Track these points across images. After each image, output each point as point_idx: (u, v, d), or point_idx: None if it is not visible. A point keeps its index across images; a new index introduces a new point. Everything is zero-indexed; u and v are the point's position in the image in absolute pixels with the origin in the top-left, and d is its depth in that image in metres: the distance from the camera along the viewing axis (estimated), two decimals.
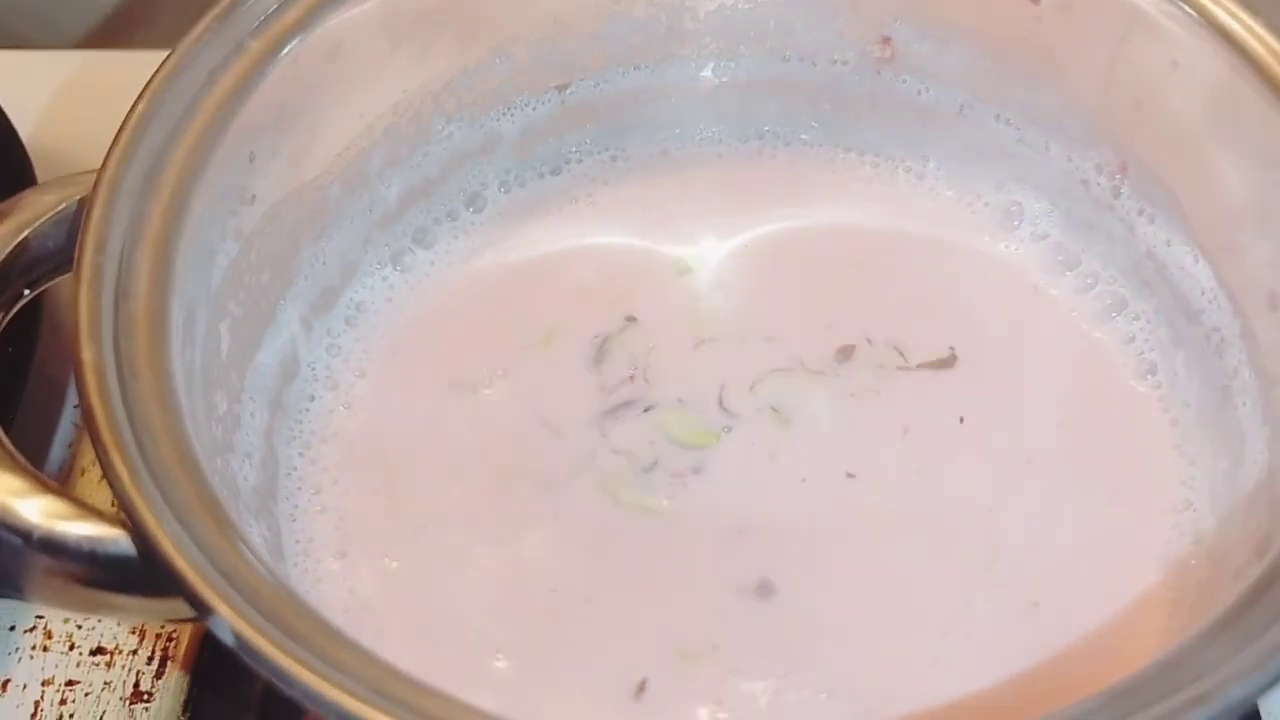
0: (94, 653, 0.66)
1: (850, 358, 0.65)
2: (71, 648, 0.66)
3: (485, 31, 0.66)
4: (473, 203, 0.69)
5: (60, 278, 0.55)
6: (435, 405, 0.64)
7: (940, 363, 0.65)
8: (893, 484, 0.62)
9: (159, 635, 0.66)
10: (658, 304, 0.67)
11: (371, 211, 0.66)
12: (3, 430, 0.51)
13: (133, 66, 0.63)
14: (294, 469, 0.62)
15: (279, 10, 0.59)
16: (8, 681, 0.65)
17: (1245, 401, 0.61)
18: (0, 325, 0.53)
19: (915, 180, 0.70)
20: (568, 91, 0.69)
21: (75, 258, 0.52)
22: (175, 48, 0.57)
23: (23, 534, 0.47)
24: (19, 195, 0.55)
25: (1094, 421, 0.64)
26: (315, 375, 0.64)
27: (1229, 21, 0.58)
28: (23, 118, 0.76)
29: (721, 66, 0.70)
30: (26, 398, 0.70)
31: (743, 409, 0.64)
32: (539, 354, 0.65)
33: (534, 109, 0.69)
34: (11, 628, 0.66)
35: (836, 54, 0.69)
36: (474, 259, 0.68)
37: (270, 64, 0.58)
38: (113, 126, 0.56)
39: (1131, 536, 0.61)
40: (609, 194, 0.71)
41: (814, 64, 0.70)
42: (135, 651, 0.66)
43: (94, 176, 0.54)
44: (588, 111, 0.70)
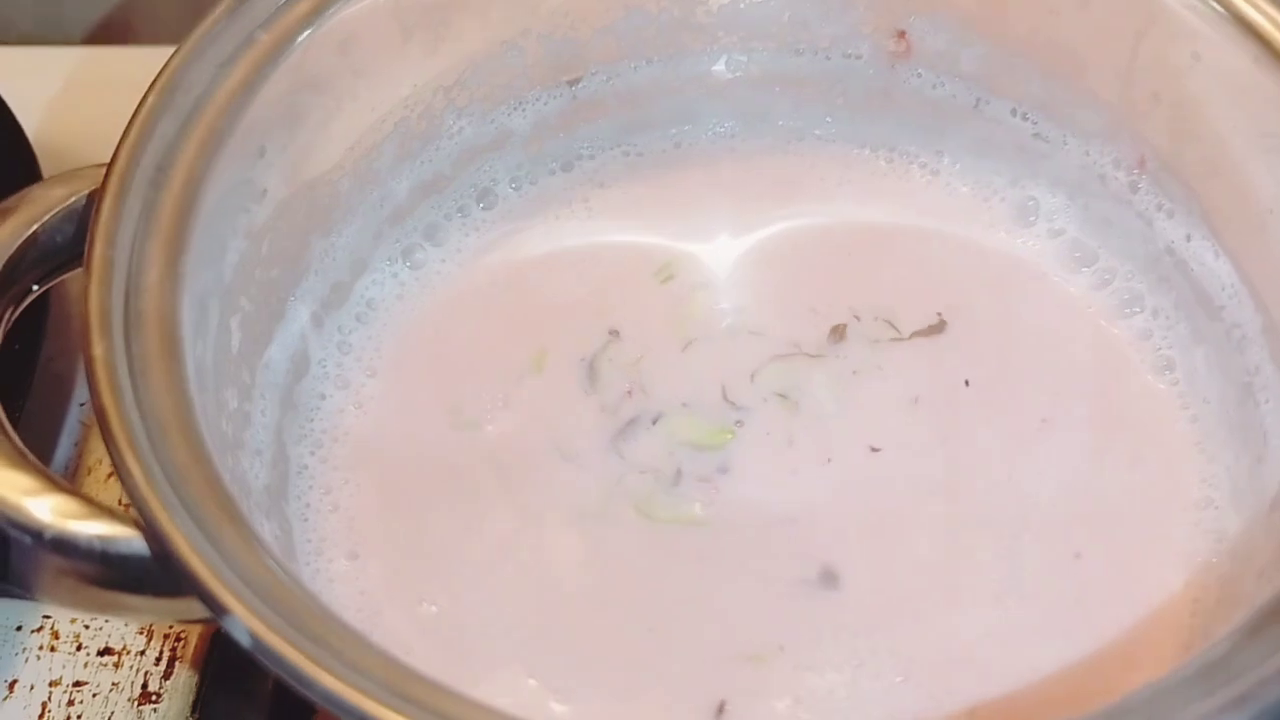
0: (102, 653, 0.65)
1: (844, 337, 0.64)
2: (79, 648, 0.66)
3: (497, 25, 0.65)
4: (484, 199, 0.69)
5: (69, 273, 0.54)
6: (440, 435, 0.63)
7: (932, 329, 0.65)
8: (918, 454, 0.62)
9: (167, 635, 0.66)
10: (638, 313, 0.66)
11: (382, 207, 0.66)
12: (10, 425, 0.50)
13: (138, 62, 0.63)
14: (305, 468, 0.61)
15: (289, 3, 0.58)
16: (15, 682, 0.65)
17: (1268, 398, 0.60)
18: (9, 321, 0.53)
19: (930, 175, 0.70)
20: (579, 86, 0.69)
21: (85, 252, 0.51)
22: (185, 40, 0.56)
23: (34, 533, 0.47)
24: (27, 189, 0.54)
25: (1113, 418, 0.63)
26: (326, 373, 0.64)
27: (1252, 14, 0.58)
28: (28, 114, 0.76)
29: (734, 61, 0.70)
30: (33, 394, 0.70)
31: (749, 401, 0.63)
32: (533, 381, 0.64)
33: (545, 104, 0.68)
34: (18, 627, 0.66)
35: (851, 48, 0.68)
36: (484, 257, 0.68)
37: (281, 57, 0.58)
38: (118, 122, 0.55)
39: (1152, 534, 0.60)
40: (620, 190, 0.70)
41: (828, 58, 0.69)
42: (143, 652, 0.65)
43: (103, 170, 0.54)
44: (599, 106, 0.69)
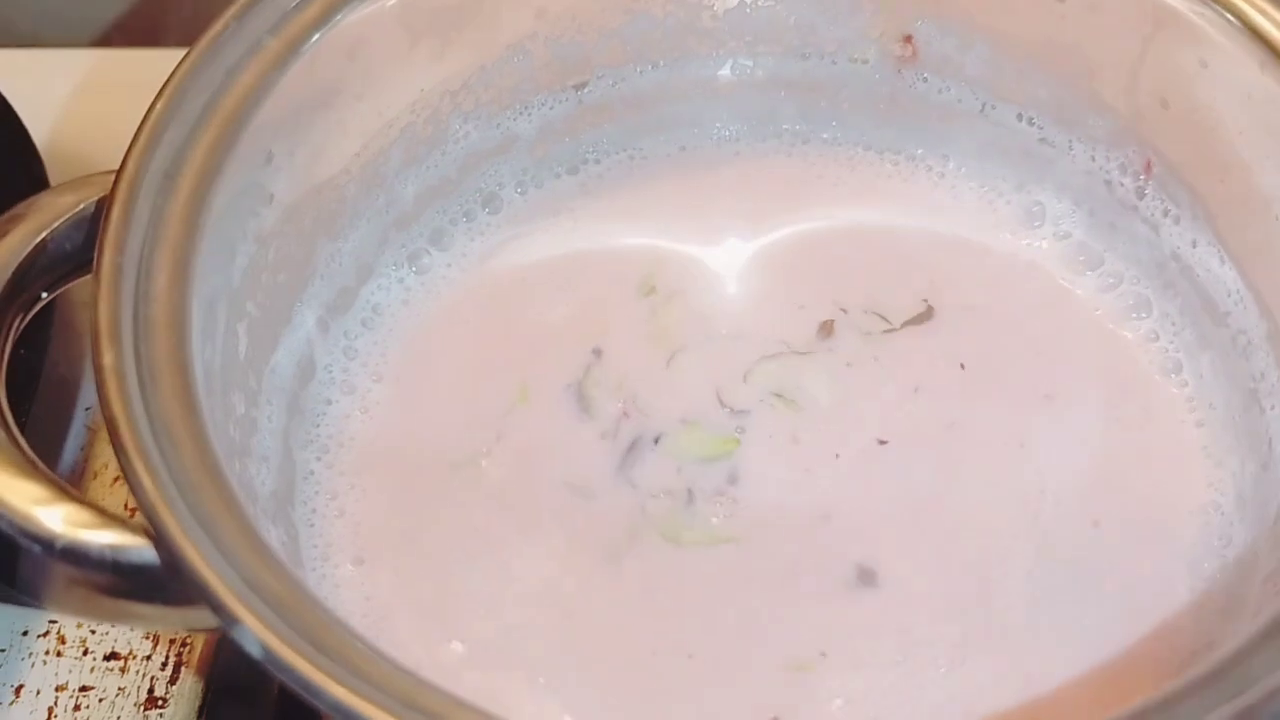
0: (108, 658, 0.65)
1: (832, 332, 0.65)
2: (85, 653, 0.66)
3: (503, 30, 0.65)
4: (489, 203, 0.69)
5: (78, 279, 0.54)
6: (443, 441, 0.63)
7: (919, 317, 0.65)
8: (927, 441, 0.62)
9: (173, 640, 0.66)
10: (617, 331, 0.65)
11: (388, 212, 0.66)
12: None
13: (147, 66, 0.63)
14: (311, 473, 0.61)
15: (297, 8, 0.58)
16: (21, 687, 0.65)
17: (1273, 404, 0.60)
18: (19, 329, 0.53)
19: (936, 179, 0.70)
20: (585, 90, 0.69)
21: (95, 259, 0.51)
22: (193, 46, 0.56)
23: (44, 543, 0.47)
24: (36, 197, 0.54)
25: (1118, 422, 0.63)
26: (332, 378, 0.64)
27: (1260, 20, 0.58)
28: (36, 118, 0.76)
29: (740, 65, 0.70)
30: (38, 398, 0.70)
31: (747, 404, 0.63)
32: (522, 414, 0.63)
33: (551, 108, 0.68)
34: (25, 632, 0.66)
35: (857, 52, 0.68)
36: (489, 261, 0.68)
37: (289, 62, 0.58)
38: (127, 126, 0.55)
39: (1157, 538, 0.60)
40: (626, 194, 0.70)
41: (834, 62, 0.69)
42: (149, 657, 0.65)
43: (111, 177, 0.53)
44: (605, 110, 0.69)
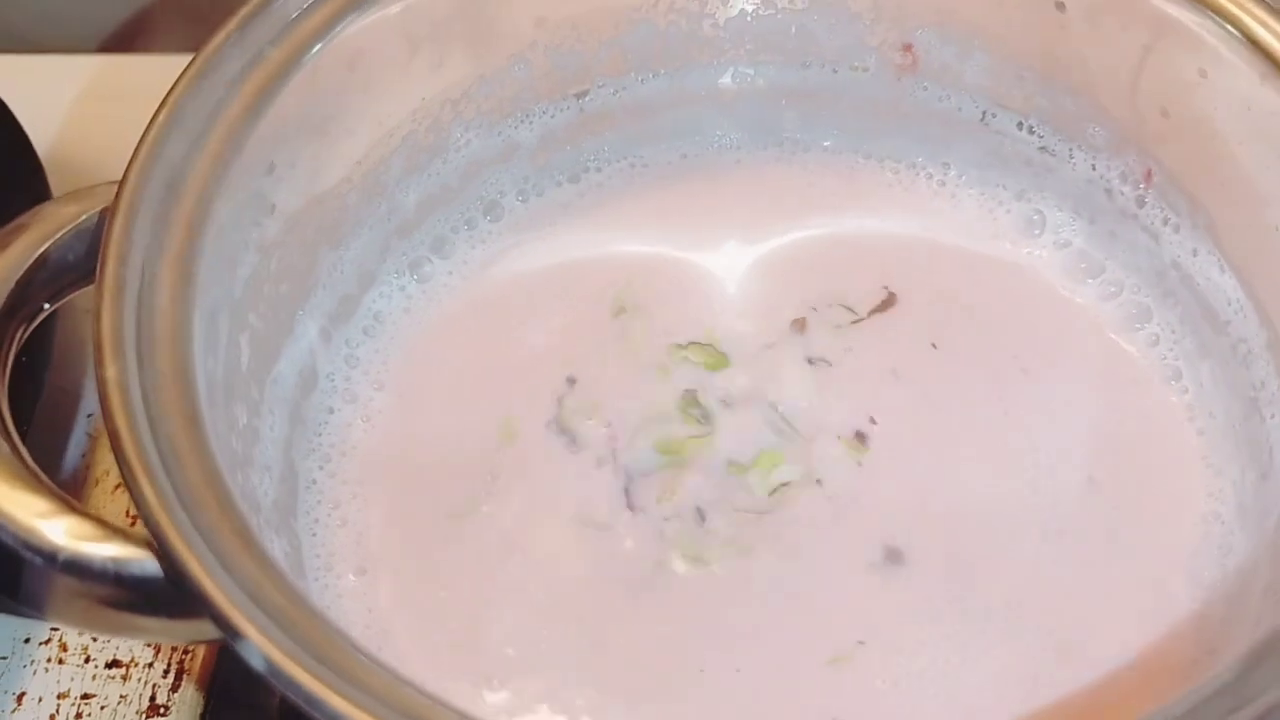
0: (109, 666, 0.65)
1: (805, 329, 0.65)
2: (87, 660, 0.66)
3: (504, 38, 0.65)
4: (490, 211, 0.69)
5: (80, 290, 0.54)
6: (444, 447, 0.63)
7: (883, 304, 0.65)
8: (919, 417, 0.62)
9: (175, 649, 0.66)
10: (590, 355, 0.65)
11: (390, 220, 0.66)
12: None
13: (150, 72, 0.63)
14: (313, 482, 0.61)
15: (299, 19, 0.58)
16: (23, 695, 0.65)
17: (1273, 413, 0.60)
18: (21, 340, 0.53)
19: (936, 187, 0.70)
20: (586, 99, 0.69)
21: (97, 271, 0.51)
22: (195, 58, 0.56)
23: (47, 555, 0.47)
24: (38, 208, 0.54)
25: (1118, 431, 0.63)
26: (334, 387, 0.64)
27: (1260, 31, 0.58)
28: (38, 124, 0.76)
29: (741, 73, 0.70)
30: (40, 405, 0.70)
31: (742, 409, 0.63)
32: (511, 454, 0.62)
33: (552, 117, 0.68)
34: (26, 640, 0.66)
35: (857, 61, 0.68)
36: (490, 269, 0.68)
37: (290, 73, 0.58)
38: (131, 133, 0.55)
39: (1158, 548, 0.60)
40: (627, 202, 0.70)
41: (835, 71, 0.69)
42: (151, 665, 0.65)
43: (113, 188, 0.54)
44: (606, 119, 0.69)
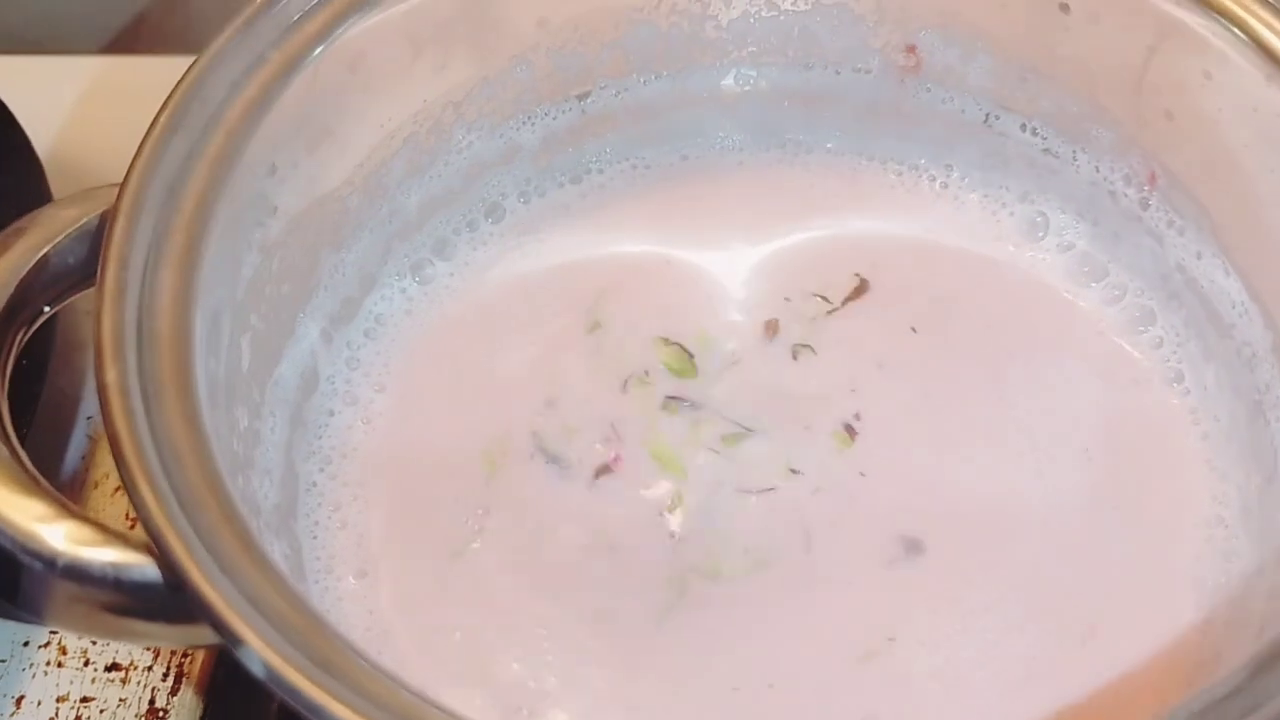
0: (109, 669, 0.65)
1: (777, 331, 0.65)
2: (86, 664, 0.65)
3: (506, 40, 0.65)
4: (492, 213, 0.69)
5: (81, 293, 0.54)
6: (445, 451, 0.63)
7: (855, 291, 0.66)
8: (916, 414, 0.63)
9: (174, 652, 0.66)
10: (567, 374, 0.64)
11: (391, 222, 0.66)
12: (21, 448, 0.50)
13: (152, 73, 0.63)
14: (314, 485, 0.61)
15: (300, 21, 0.58)
16: (22, 698, 0.64)
17: (1278, 416, 0.60)
18: (21, 343, 0.53)
19: (940, 190, 0.69)
20: (588, 100, 0.68)
21: (98, 274, 0.51)
22: (196, 60, 0.56)
23: (46, 560, 0.46)
24: (39, 210, 0.54)
25: (1122, 435, 0.63)
26: (335, 389, 0.63)
27: (1265, 33, 0.57)
28: (39, 126, 0.76)
29: (744, 75, 0.69)
30: (40, 407, 0.69)
31: (737, 414, 0.63)
32: (502, 486, 0.61)
33: (554, 118, 0.68)
34: (26, 643, 0.66)
35: (860, 62, 0.68)
36: (491, 270, 0.68)
37: (292, 75, 0.57)
38: (132, 135, 0.55)
39: (1162, 552, 0.60)
40: (629, 204, 0.70)
41: (838, 72, 0.69)
42: (150, 668, 0.65)
43: (115, 191, 0.53)
44: (608, 120, 0.69)
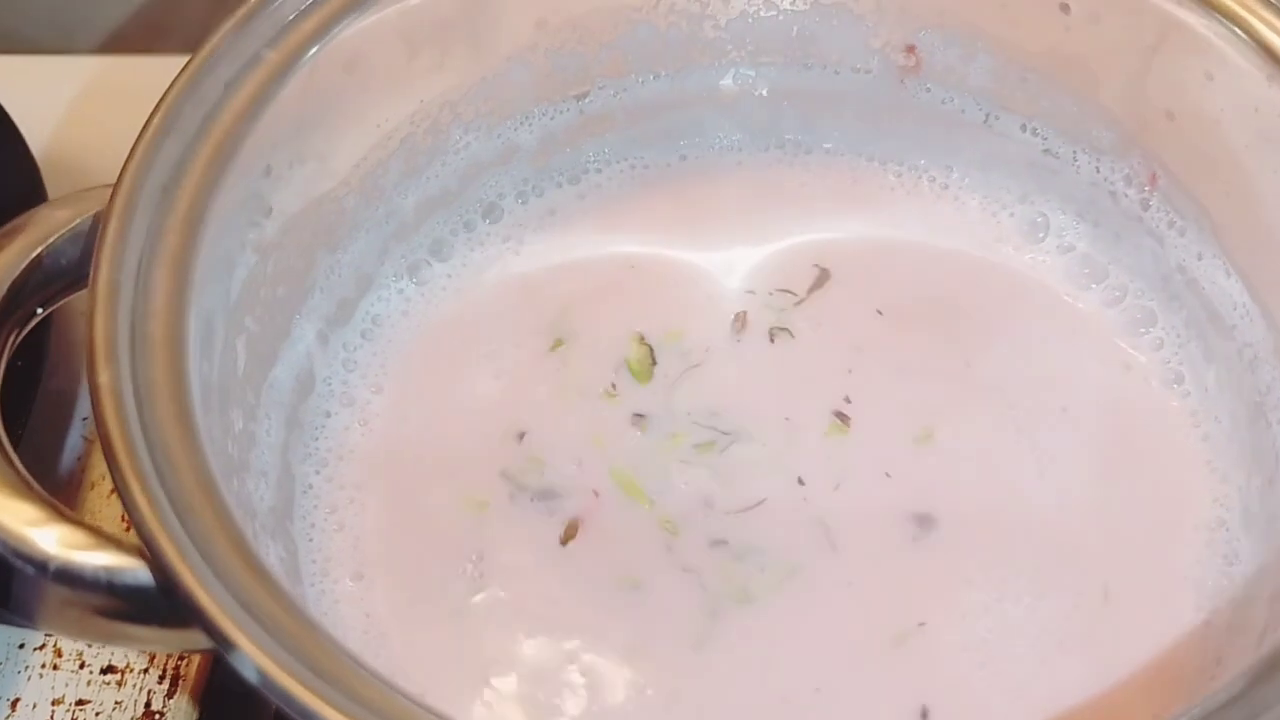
0: (104, 671, 0.65)
1: (745, 325, 0.65)
2: (82, 666, 0.65)
3: (504, 40, 0.65)
4: (490, 213, 0.68)
5: (74, 295, 0.54)
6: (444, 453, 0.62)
7: (817, 282, 0.66)
8: (912, 406, 0.63)
9: (170, 655, 0.65)
10: (545, 415, 0.63)
11: (388, 223, 0.65)
12: (15, 452, 0.50)
13: (148, 73, 0.62)
14: (310, 487, 0.61)
15: (296, 21, 0.58)
16: (17, 701, 0.64)
17: None
18: (15, 343, 0.52)
19: (939, 190, 0.69)
20: (586, 101, 0.68)
21: (90, 276, 0.51)
22: (191, 59, 0.56)
23: (38, 564, 0.46)
24: (32, 211, 0.54)
25: (1123, 436, 0.63)
26: (331, 391, 0.63)
27: (1267, 34, 0.57)
28: (34, 126, 0.75)
29: (742, 75, 0.69)
30: (35, 409, 0.69)
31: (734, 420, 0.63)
32: (496, 531, 0.60)
33: (552, 118, 0.68)
34: (21, 645, 0.65)
35: (860, 62, 0.68)
36: (488, 270, 0.67)
37: (287, 75, 0.57)
38: (128, 135, 0.55)
39: (1162, 555, 0.60)
40: (627, 204, 0.69)
41: (837, 72, 0.68)
42: (146, 671, 0.65)
43: (108, 191, 0.53)
44: (606, 121, 0.69)
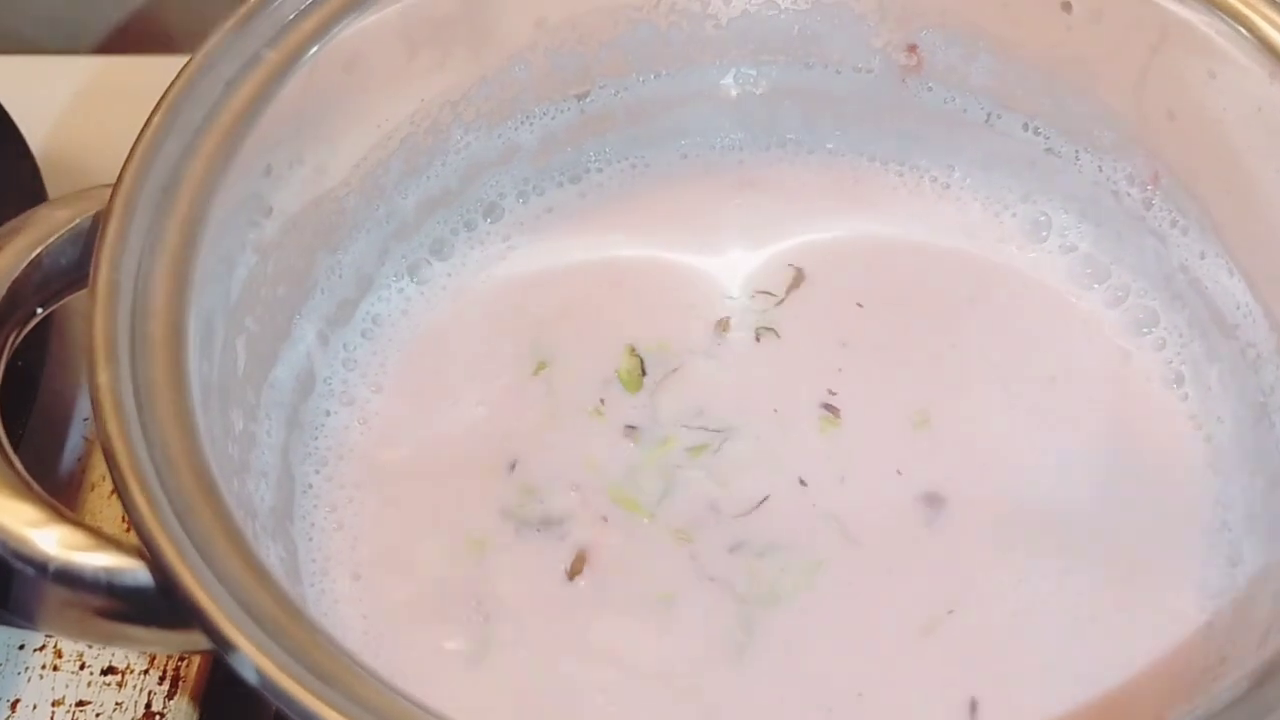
0: (105, 672, 0.65)
1: (728, 328, 0.65)
2: (82, 667, 0.65)
3: (504, 39, 0.65)
4: (490, 213, 0.68)
5: (74, 295, 0.54)
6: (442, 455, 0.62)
7: (794, 282, 0.66)
8: (917, 404, 0.63)
9: (170, 655, 0.65)
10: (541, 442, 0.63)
11: (388, 222, 0.65)
12: (15, 452, 0.50)
13: (147, 73, 0.62)
14: (310, 486, 0.61)
15: (296, 20, 0.57)
16: (17, 702, 0.64)
17: None
18: (14, 345, 0.52)
19: (941, 190, 0.69)
20: (587, 100, 0.68)
21: (90, 276, 0.51)
22: (191, 59, 0.56)
23: (38, 565, 0.46)
24: (31, 211, 0.53)
25: (1125, 437, 0.63)
26: (331, 390, 0.63)
27: (1270, 32, 0.57)
28: (34, 126, 0.75)
29: (743, 74, 0.69)
30: (36, 410, 0.69)
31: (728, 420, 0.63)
32: (499, 571, 0.60)
33: (553, 118, 0.68)
34: (21, 646, 0.65)
35: (861, 61, 0.68)
36: (489, 270, 0.67)
37: (287, 74, 0.57)
38: (128, 134, 0.54)
39: (1165, 555, 0.59)
40: (628, 203, 0.69)
41: (838, 72, 0.68)
42: (146, 672, 0.65)
43: (108, 191, 0.53)
44: (607, 120, 0.69)
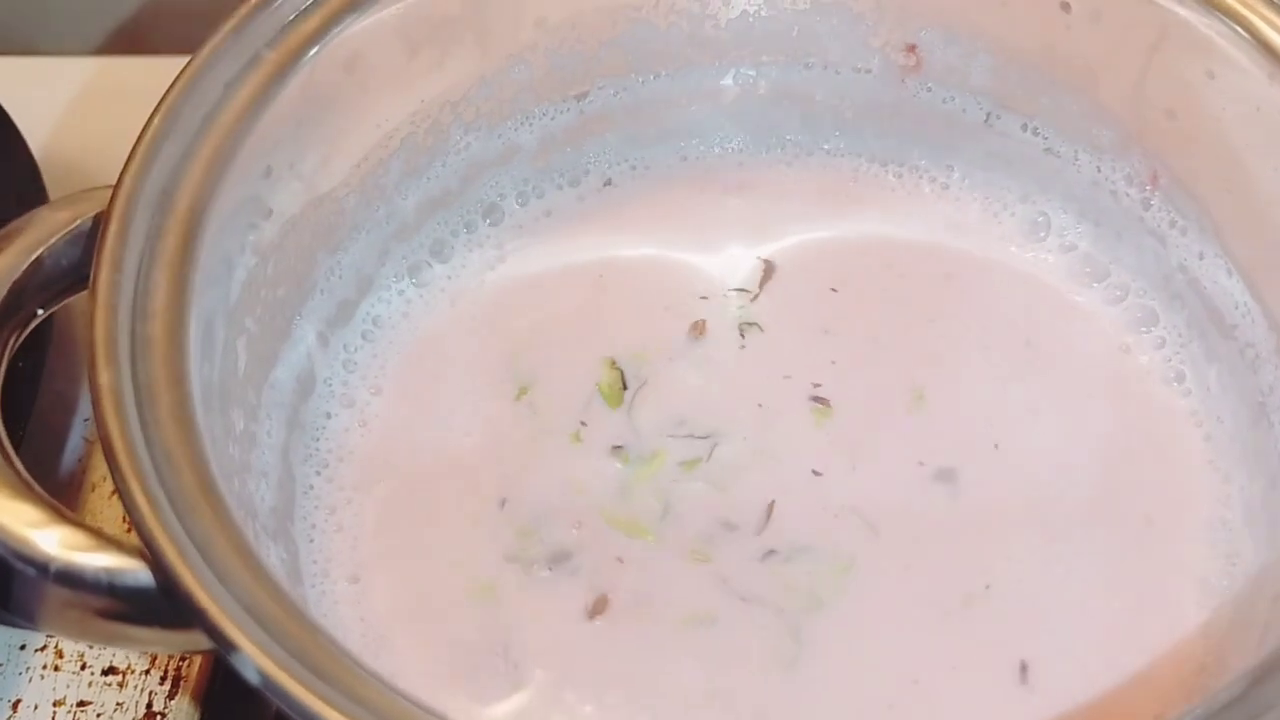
0: (106, 673, 0.65)
1: (704, 332, 0.65)
2: (83, 667, 0.65)
3: (504, 40, 0.65)
4: (490, 214, 0.68)
5: (74, 296, 0.54)
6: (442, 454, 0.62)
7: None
8: (915, 405, 0.63)
9: (171, 656, 0.65)
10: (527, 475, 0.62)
11: (388, 223, 0.65)
12: (15, 453, 0.50)
13: (147, 74, 0.62)
14: (310, 488, 0.61)
15: (296, 21, 0.58)
16: (18, 702, 0.64)
17: None
18: (14, 346, 0.52)
19: (940, 190, 0.69)
20: (586, 100, 0.68)
21: (90, 277, 0.51)
22: (190, 60, 0.56)
23: (39, 566, 0.46)
24: (32, 213, 0.54)
25: (1125, 436, 0.63)
26: (332, 392, 0.63)
27: (1269, 32, 0.57)
28: (34, 127, 0.75)
29: (743, 75, 0.69)
30: (36, 410, 0.69)
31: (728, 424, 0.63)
32: (518, 615, 0.58)
33: (552, 118, 0.68)
34: (22, 646, 0.65)
35: (860, 62, 0.68)
36: (489, 272, 0.67)
37: (287, 75, 0.57)
38: (127, 135, 0.55)
39: (1164, 554, 0.59)
40: (627, 204, 0.69)
41: (837, 72, 0.68)
42: (148, 672, 0.65)
43: (108, 192, 0.53)
44: (607, 120, 0.69)
